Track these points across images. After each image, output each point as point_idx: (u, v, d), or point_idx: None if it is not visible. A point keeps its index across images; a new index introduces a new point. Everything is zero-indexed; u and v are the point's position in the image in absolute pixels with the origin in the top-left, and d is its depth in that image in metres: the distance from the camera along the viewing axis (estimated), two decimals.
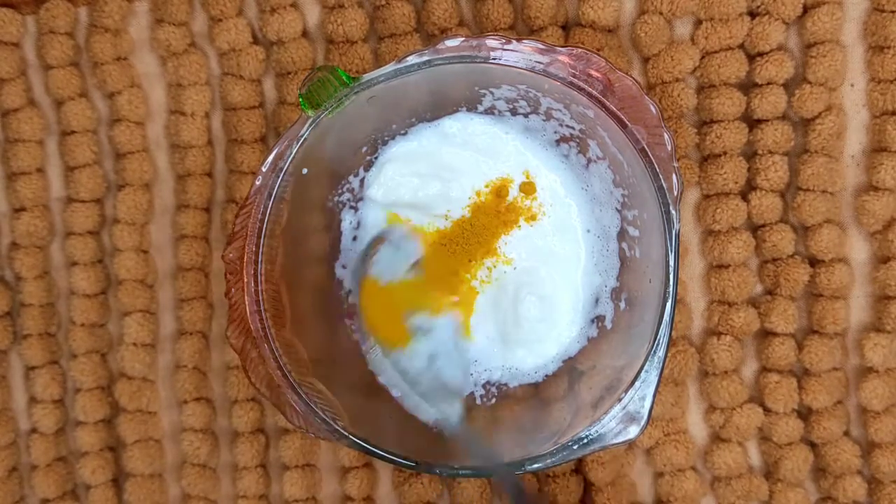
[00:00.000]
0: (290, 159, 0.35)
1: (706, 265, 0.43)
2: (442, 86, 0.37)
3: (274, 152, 0.35)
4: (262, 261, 0.36)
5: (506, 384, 0.40)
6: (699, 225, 0.42)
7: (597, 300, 0.39)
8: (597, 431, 0.34)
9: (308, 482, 0.44)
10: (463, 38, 0.34)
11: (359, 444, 0.35)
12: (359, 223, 0.40)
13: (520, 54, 0.34)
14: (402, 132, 0.39)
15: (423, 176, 0.39)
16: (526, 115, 0.38)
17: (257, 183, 0.35)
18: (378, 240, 0.40)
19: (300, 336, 0.38)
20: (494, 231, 0.39)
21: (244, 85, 0.43)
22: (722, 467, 0.42)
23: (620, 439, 0.34)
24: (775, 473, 0.42)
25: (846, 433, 0.42)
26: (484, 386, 0.40)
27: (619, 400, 0.34)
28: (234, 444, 0.44)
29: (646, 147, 0.34)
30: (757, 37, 0.41)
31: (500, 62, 0.34)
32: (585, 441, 0.34)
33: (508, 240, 0.39)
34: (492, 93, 0.37)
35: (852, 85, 0.42)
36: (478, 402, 0.40)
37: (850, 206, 0.42)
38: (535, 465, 0.35)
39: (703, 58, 0.41)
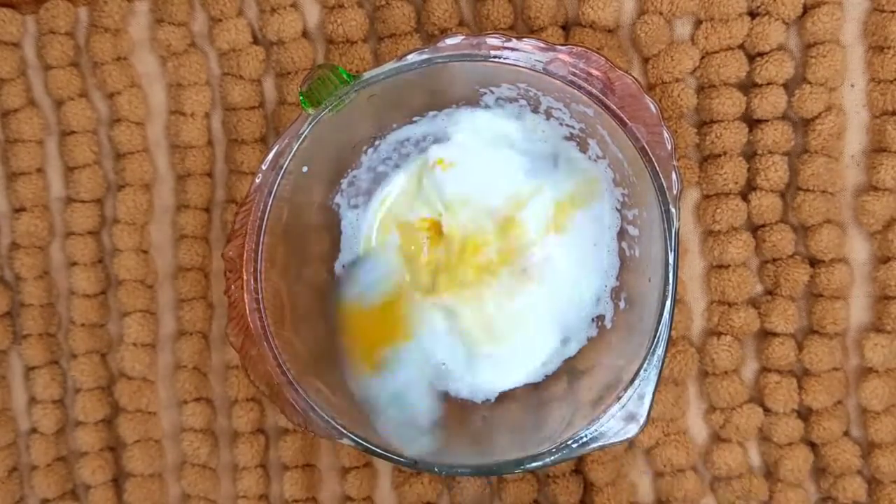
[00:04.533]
0: (290, 157, 0.35)
1: (706, 265, 0.43)
2: (442, 85, 0.37)
3: (274, 150, 0.35)
4: (261, 259, 0.36)
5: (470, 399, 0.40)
6: (699, 225, 0.42)
7: (597, 299, 0.39)
8: (596, 430, 0.34)
9: (308, 482, 0.44)
10: (463, 37, 0.34)
11: (358, 442, 0.35)
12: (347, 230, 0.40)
13: (520, 52, 0.34)
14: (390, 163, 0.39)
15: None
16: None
17: (257, 181, 0.35)
18: (357, 262, 0.40)
19: (300, 334, 0.38)
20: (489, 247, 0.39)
21: (244, 85, 0.43)
22: (722, 467, 0.42)
23: (619, 438, 0.34)
24: (775, 473, 0.42)
25: (846, 433, 0.42)
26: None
27: (619, 399, 0.34)
28: (234, 444, 0.44)
29: (645, 146, 0.34)
30: (757, 37, 0.41)
31: (501, 60, 0.34)
32: (584, 440, 0.34)
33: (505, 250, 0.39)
34: (492, 91, 0.37)
35: (852, 85, 0.42)
36: (478, 402, 0.40)
37: (850, 206, 0.42)
38: (535, 464, 0.35)
39: (703, 58, 0.41)
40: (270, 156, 0.35)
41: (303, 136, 0.35)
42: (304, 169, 0.36)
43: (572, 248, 0.39)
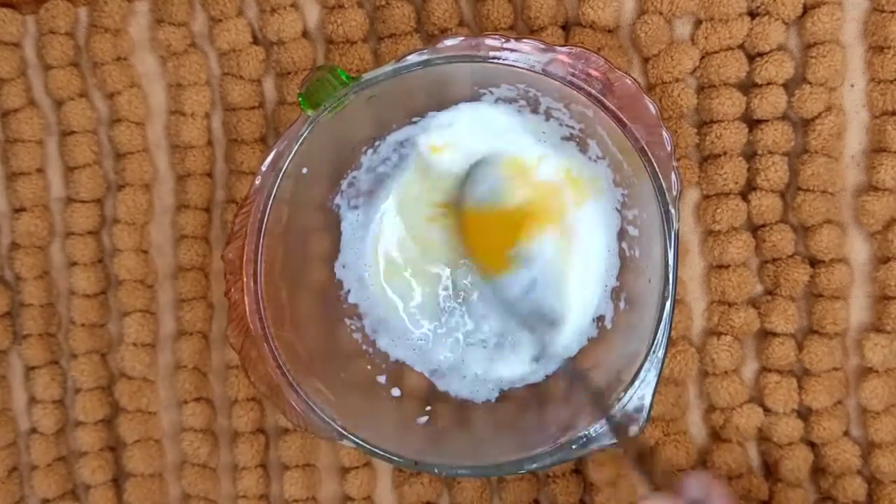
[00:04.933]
0: (289, 159, 0.35)
1: (706, 265, 0.43)
2: (441, 86, 0.37)
3: (273, 152, 0.35)
4: (261, 260, 0.35)
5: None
6: (699, 225, 0.42)
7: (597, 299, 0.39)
8: (595, 431, 0.34)
9: (308, 482, 0.44)
10: (462, 38, 0.34)
11: (357, 443, 0.35)
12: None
13: (519, 53, 0.34)
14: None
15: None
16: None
17: (257, 182, 0.35)
18: (479, 165, 0.40)
19: (300, 335, 0.38)
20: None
21: (244, 85, 0.43)
22: (722, 467, 0.42)
23: (619, 439, 0.34)
24: (775, 473, 0.42)
25: (846, 433, 0.42)
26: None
27: (619, 399, 0.34)
28: (234, 444, 0.44)
29: (645, 146, 0.34)
30: (757, 37, 0.41)
31: (500, 61, 0.34)
32: (584, 441, 0.34)
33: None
34: (491, 92, 0.37)
35: (852, 85, 0.42)
36: (479, 402, 0.40)
37: (850, 206, 0.42)
38: (534, 465, 0.35)
39: (703, 58, 0.41)
40: (270, 158, 0.35)
41: (302, 138, 0.35)
42: (304, 170, 0.36)
43: (590, 216, 0.40)
